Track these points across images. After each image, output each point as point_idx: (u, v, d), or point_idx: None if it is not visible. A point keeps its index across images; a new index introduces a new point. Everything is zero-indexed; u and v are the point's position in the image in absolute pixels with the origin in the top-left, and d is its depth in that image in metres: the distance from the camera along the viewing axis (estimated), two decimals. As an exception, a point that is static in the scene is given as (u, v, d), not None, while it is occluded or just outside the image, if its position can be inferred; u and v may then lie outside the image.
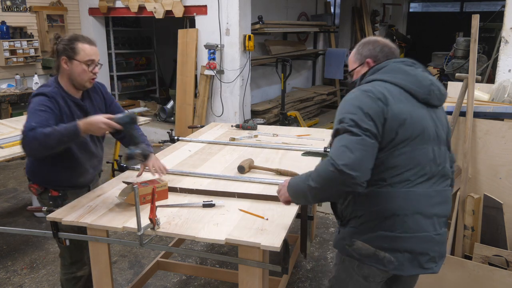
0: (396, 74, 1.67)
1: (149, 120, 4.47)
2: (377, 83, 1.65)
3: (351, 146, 1.51)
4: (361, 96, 1.61)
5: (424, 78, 1.69)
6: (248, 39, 5.79)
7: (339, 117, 1.61)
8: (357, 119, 1.55)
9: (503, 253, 2.42)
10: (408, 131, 1.60)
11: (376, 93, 1.59)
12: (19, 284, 3.12)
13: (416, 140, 1.62)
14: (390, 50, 1.78)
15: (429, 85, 1.68)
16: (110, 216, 2.00)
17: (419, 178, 1.63)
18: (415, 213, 1.62)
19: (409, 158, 1.61)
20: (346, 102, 1.64)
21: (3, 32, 6.03)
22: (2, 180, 5.15)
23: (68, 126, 1.94)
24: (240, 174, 2.51)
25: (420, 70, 1.72)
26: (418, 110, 1.64)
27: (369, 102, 1.57)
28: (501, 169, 2.54)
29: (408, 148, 1.60)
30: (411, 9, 15.52)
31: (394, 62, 1.72)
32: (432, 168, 1.66)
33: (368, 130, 1.53)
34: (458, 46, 5.99)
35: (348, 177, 1.48)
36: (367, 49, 1.80)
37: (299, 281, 3.14)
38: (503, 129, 2.51)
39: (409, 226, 1.61)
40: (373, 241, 1.64)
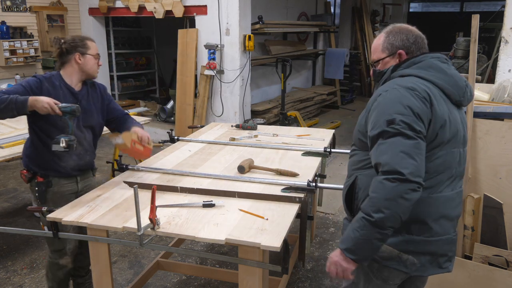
0: (434, 73, 1.59)
1: (149, 120, 4.47)
2: (417, 80, 1.56)
3: (410, 151, 1.43)
4: (407, 94, 1.50)
5: (460, 79, 1.63)
6: (248, 39, 5.79)
7: (386, 118, 1.49)
8: (410, 121, 1.46)
9: (503, 253, 2.42)
10: (446, 134, 1.55)
11: (421, 92, 1.51)
12: (19, 284, 3.12)
13: (450, 143, 1.58)
14: (423, 41, 1.67)
15: (464, 86, 1.63)
16: (110, 216, 2.00)
17: (447, 181, 1.60)
18: (441, 217, 1.60)
19: (443, 162, 1.57)
20: (391, 100, 1.52)
21: (3, 32, 6.03)
22: (2, 180, 5.15)
23: (21, 98, 2.15)
24: (240, 174, 2.51)
25: (453, 68, 1.66)
26: (453, 112, 1.60)
27: (417, 102, 1.49)
28: (501, 169, 2.54)
29: (443, 152, 1.56)
30: (411, 9, 15.52)
31: (432, 57, 1.62)
32: (457, 170, 1.64)
33: (421, 132, 1.47)
34: (458, 46, 5.99)
35: (415, 185, 1.41)
36: (399, 38, 1.66)
37: (299, 281, 3.14)
38: (503, 129, 2.51)
39: (435, 231, 1.60)
40: (398, 245, 1.59)
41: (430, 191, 1.56)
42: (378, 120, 1.52)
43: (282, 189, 2.26)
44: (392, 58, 1.68)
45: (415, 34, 1.67)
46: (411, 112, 1.47)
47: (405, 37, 1.65)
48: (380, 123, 1.50)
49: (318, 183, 2.40)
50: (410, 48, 1.65)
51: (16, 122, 4.16)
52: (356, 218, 1.51)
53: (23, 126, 3.94)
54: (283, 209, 2.05)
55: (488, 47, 6.26)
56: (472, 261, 2.48)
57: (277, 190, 2.26)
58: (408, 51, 1.65)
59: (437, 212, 1.58)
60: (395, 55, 1.67)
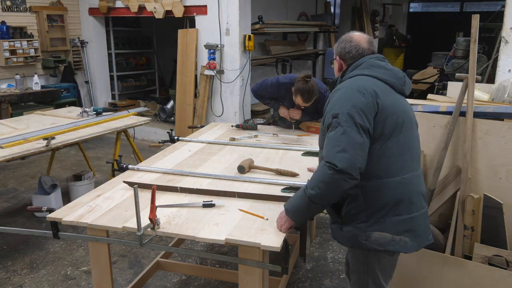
0: (376, 69, 1.83)
1: (149, 120, 4.47)
2: (362, 78, 1.81)
3: (345, 145, 1.64)
4: (354, 92, 1.73)
5: (398, 71, 1.88)
6: (248, 39, 5.79)
7: (332, 112, 1.72)
8: (352, 115, 1.67)
9: (503, 253, 2.42)
10: (399, 119, 1.76)
11: (366, 88, 1.73)
12: (19, 284, 3.12)
13: (405, 127, 1.78)
14: (357, 52, 1.89)
15: (403, 77, 1.88)
16: (110, 216, 2.00)
17: (412, 161, 1.82)
18: (417, 194, 1.82)
19: (403, 144, 1.77)
20: (338, 98, 1.75)
21: (3, 32, 6.03)
22: (2, 180, 5.15)
23: None
24: (240, 174, 2.51)
25: (390, 65, 1.90)
26: (400, 100, 1.84)
27: (362, 98, 1.71)
28: (501, 169, 2.54)
29: (402, 134, 1.76)
30: (411, 9, 15.51)
31: (370, 58, 1.87)
32: (417, 151, 1.87)
33: (361, 126, 1.66)
34: (458, 46, 5.99)
35: (347, 176, 1.63)
36: (340, 47, 1.95)
37: (299, 281, 3.14)
38: (503, 129, 2.51)
39: (417, 206, 1.80)
40: (389, 228, 1.76)
41: (402, 173, 1.76)
42: (327, 115, 1.78)
43: (282, 189, 2.26)
44: (336, 61, 1.99)
45: (354, 44, 1.90)
46: (353, 107, 1.68)
47: (343, 46, 1.93)
48: (328, 117, 1.75)
49: (318, 183, 2.40)
50: (345, 57, 1.93)
51: (16, 122, 4.17)
52: (300, 189, 1.82)
53: (23, 126, 3.95)
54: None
55: (488, 47, 6.26)
56: (472, 261, 2.48)
57: (277, 190, 2.26)
58: (344, 58, 1.93)
59: (412, 190, 1.79)
60: (337, 59, 1.98)
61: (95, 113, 4.46)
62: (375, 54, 1.92)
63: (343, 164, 1.62)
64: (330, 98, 1.82)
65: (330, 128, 1.71)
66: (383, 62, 1.89)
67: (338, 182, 1.64)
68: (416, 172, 1.84)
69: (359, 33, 1.98)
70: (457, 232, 2.61)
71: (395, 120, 1.75)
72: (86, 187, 4.30)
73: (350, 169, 1.62)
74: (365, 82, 1.78)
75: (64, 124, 4.04)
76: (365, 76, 1.82)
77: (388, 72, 1.85)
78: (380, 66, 1.86)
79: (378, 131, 1.72)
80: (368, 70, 1.84)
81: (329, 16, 9.86)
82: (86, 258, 3.43)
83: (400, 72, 1.90)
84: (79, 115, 4.39)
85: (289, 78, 3.39)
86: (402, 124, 1.77)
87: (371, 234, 1.76)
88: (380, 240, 1.76)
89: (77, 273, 3.26)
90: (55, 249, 3.59)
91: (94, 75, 7.42)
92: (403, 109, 1.82)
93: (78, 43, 7.20)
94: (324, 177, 1.67)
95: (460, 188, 2.60)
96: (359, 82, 1.78)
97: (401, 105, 1.83)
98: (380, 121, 1.72)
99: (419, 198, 1.83)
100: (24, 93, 5.96)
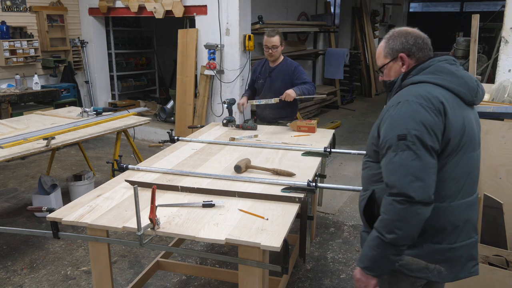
0: (444, 76, 1.57)
1: (149, 120, 4.47)
2: (429, 87, 1.55)
3: (418, 172, 1.44)
4: (419, 108, 1.49)
5: (470, 79, 1.61)
6: (248, 39, 5.79)
7: (398, 132, 1.49)
8: (422, 136, 1.46)
9: (503, 253, 2.42)
10: (462, 140, 1.54)
11: (434, 103, 1.49)
12: (19, 284, 3.12)
13: (467, 149, 1.56)
14: (424, 41, 1.66)
15: (476, 86, 1.61)
16: (110, 216, 2.00)
17: (468, 187, 1.59)
18: (464, 223, 1.60)
19: (461, 168, 1.55)
20: (403, 114, 1.50)
21: (3, 32, 6.03)
22: (2, 180, 5.15)
23: None
24: (237, 173, 2.51)
25: (462, 69, 1.64)
26: (468, 115, 1.58)
27: (429, 116, 1.48)
28: (501, 169, 2.54)
29: (461, 158, 1.55)
30: (411, 9, 15.53)
31: (439, 61, 1.62)
32: (475, 174, 1.63)
33: (433, 148, 1.47)
34: (458, 46, 5.99)
35: (424, 204, 1.44)
36: (399, 42, 1.67)
37: (299, 281, 3.14)
38: (503, 129, 2.51)
39: (459, 237, 1.60)
40: (425, 256, 1.59)
41: (451, 199, 1.56)
42: (389, 133, 1.52)
43: (282, 189, 2.26)
44: (395, 62, 1.69)
45: (414, 35, 1.66)
46: (423, 127, 1.46)
47: (404, 40, 1.66)
48: (391, 136, 1.50)
49: (318, 183, 2.40)
50: (411, 50, 1.65)
51: (16, 122, 4.17)
52: (371, 236, 1.54)
53: (23, 126, 3.95)
54: (283, 209, 2.05)
55: (488, 47, 6.26)
56: (472, 261, 2.48)
57: (277, 190, 2.26)
58: (409, 53, 1.66)
59: (460, 219, 1.58)
60: (397, 59, 1.68)
61: (95, 113, 4.46)
62: (444, 55, 1.66)
63: (420, 194, 1.42)
64: (390, 111, 1.56)
65: (395, 151, 1.48)
66: (453, 66, 1.61)
67: (417, 214, 1.44)
68: (468, 199, 1.61)
69: (403, 27, 1.73)
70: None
71: (458, 141, 1.53)
72: (86, 187, 4.30)
73: (427, 199, 1.44)
74: (431, 92, 1.52)
75: (64, 124, 4.04)
76: (430, 84, 1.56)
77: (459, 80, 1.57)
78: (450, 72, 1.58)
79: (441, 149, 1.52)
80: (436, 76, 1.57)
81: (329, 16, 9.87)
82: (86, 258, 3.43)
83: (473, 80, 1.61)
84: (79, 115, 4.40)
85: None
86: (464, 145, 1.55)
87: (403, 257, 1.59)
88: (412, 265, 1.60)
89: (77, 273, 3.26)
90: (55, 249, 3.59)
91: (94, 75, 7.42)
92: (470, 127, 1.57)
93: (78, 43, 7.20)
94: (399, 214, 1.45)
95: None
96: (424, 93, 1.52)
97: (468, 122, 1.57)
98: (442, 142, 1.50)
99: (467, 227, 1.62)
100: (24, 93, 5.96)
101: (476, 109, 1.69)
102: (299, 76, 3.76)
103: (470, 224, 1.63)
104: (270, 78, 3.86)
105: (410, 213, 1.43)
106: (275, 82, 3.82)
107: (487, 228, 2.54)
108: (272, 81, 3.85)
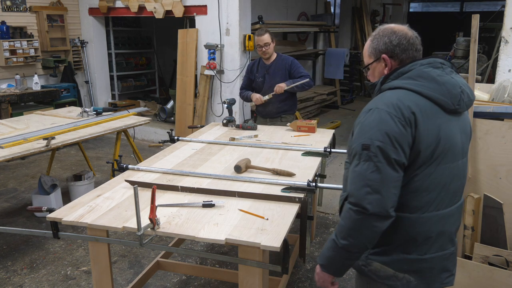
0: (424, 82, 1.47)
1: (149, 120, 4.47)
2: (403, 94, 1.46)
3: (377, 185, 1.39)
4: (387, 118, 1.42)
5: (454, 86, 1.49)
6: (248, 39, 5.79)
7: (362, 141, 1.44)
8: (385, 148, 1.40)
9: (503, 253, 2.42)
10: (435, 152, 1.46)
11: (404, 114, 1.41)
12: (19, 284, 3.12)
13: (441, 160, 1.48)
14: (408, 42, 1.54)
15: (459, 94, 1.49)
16: (110, 216, 2.00)
17: (444, 198, 1.52)
18: (439, 234, 1.55)
19: (432, 180, 1.48)
20: (371, 123, 1.44)
21: (3, 32, 6.03)
22: (2, 180, 5.15)
23: None
24: (237, 173, 2.51)
25: (449, 73, 1.52)
26: (446, 124, 1.48)
27: (396, 127, 1.40)
28: (501, 169, 2.54)
29: (432, 170, 1.47)
30: (411, 9, 15.52)
31: (421, 65, 1.50)
32: (454, 185, 1.55)
33: (396, 161, 1.41)
34: (458, 46, 5.99)
35: (380, 217, 1.41)
36: (382, 42, 1.56)
37: (299, 281, 3.14)
38: (503, 129, 2.51)
39: (432, 248, 1.55)
40: (394, 264, 1.56)
41: (421, 211, 1.50)
42: (355, 140, 1.48)
43: (282, 189, 2.26)
44: (378, 63, 1.59)
45: (399, 35, 1.54)
46: (387, 138, 1.40)
47: (388, 40, 1.55)
48: (356, 144, 1.47)
49: (318, 183, 2.40)
50: (394, 51, 1.55)
51: (16, 122, 4.17)
52: (330, 237, 1.55)
53: (23, 126, 3.95)
54: (283, 209, 2.05)
55: (488, 47, 6.27)
56: (472, 261, 2.48)
57: (277, 190, 2.26)
58: (392, 55, 1.55)
59: (432, 230, 1.52)
60: (380, 60, 1.58)
61: (95, 113, 4.46)
62: (430, 58, 1.54)
63: (375, 207, 1.39)
64: (361, 118, 1.50)
65: (358, 160, 1.44)
66: (437, 71, 1.49)
67: (372, 226, 1.41)
68: (444, 211, 1.53)
69: (395, 24, 1.60)
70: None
71: (431, 152, 1.44)
72: (86, 187, 4.30)
73: (383, 212, 1.39)
74: (403, 101, 1.43)
75: (64, 124, 4.04)
76: (407, 90, 1.47)
77: (440, 87, 1.46)
78: (431, 78, 1.47)
79: (410, 161, 1.45)
80: (414, 82, 1.47)
81: (329, 16, 9.87)
82: (86, 258, 3.44)
83: (457, 86, 1.49)
84: (79, 115, 4.40)
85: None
86: (439, 156, 1.46)
87: (372, 263, 1.58)
88: (380, 272, 1.57)
89: (77, 273, 3.26)
90: (55, 249, 3.59)
91: (94, 75, 7.42)
92: (447, 137, 1.47)
93: (78, 43, 7.21)
94: (353, 223, 1.43)
95: (460, 188, 2.60)
96: (396, 101, 1.43)
97: (445, 132, 1.47)
98: (412, 154, 1.43)
99: (441, 239, 1.55)
100: (24, 93, 5.96)
101: (464, 116, 1.59)
102: (297, 70, 3.90)
103: (445, 236, 1.57)
104: (269, 75, 3.95)
105: (365, 224, 1.42)
106: (275, 78, 3.92)
107: (487, 228, 2.54)
108: (271, 78, 3.94)
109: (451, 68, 1.55)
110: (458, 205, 1.60)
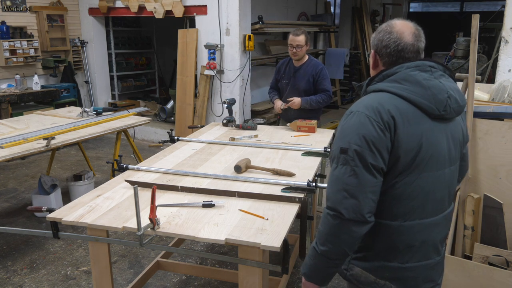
0: (408, 86, 1.41)
1: (149, 120, 4.47)
2: (386, 98, 1.41)
3: (353, 190, 1.37)
4: (366, 122, 1.38)
5: (440, 90, 1.42)
6: (248, 39, 5.79)
7: (341, 144, 1.41)
8: (363, 153, 1.36)
9: (503, 253, 2.42)
10: (416, 159, 1.40)
11: (384, 118, 1.37)
12: (19, 284, 3.12)
13: (423, 168, 1.42)
14: (396, 49, 1.47)
15: (446, 99, 1.42)
16: (110, 216, 2.00)
17: (428, 207, 1.47)
18: (423, 243, 1.50)
19: (415, 187, 1.43)
20: (350, 126, 1.41)
21: (3, 32, 6.03)
22: (2, 180, 5.15)
23: None
24: (237, 173, 2.51)
25: (438, 77, 1.45)
26: (430, 131, 1.42)
27: (374, 132, 1.36)
28: (501, 169, 2.54)
29: (413, 178, 1.42)
30: (411, 9, 15.53)
31: (408, 68, 1.44)
32: (442, 193, 1.51)
33: (373, 166, 1.37)
34: (458, 46, 6.00)
35: (358, 222, 1.38)
36: (377, 38, 1.52)
37: (299, 281, 3.14)
38: (503, 129, 2.51)
39: (415, 257, 1.51)
40: (375, 271, 1.52)
41: (403, 219, 1.45)
42: (335, 143, 1.46)
43: (282, 189, 2.26)
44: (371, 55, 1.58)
45: (393, 38, 1.47)
46: (365, 143, 1.36)
47: (381, 38, 1.50)
48: (335, 147, 1.44)
49: (318, 183, 2.40)
50: (381, 52, 1.50)
51: (16, 122, 4.17)
52: (311, 244, 1.52)
53: (23, 126, 3.95)
54: (283, 209, 2.05)
55: (488, 47, 6.28)
56: (472, 261, 2.48)
57: (277, 190, 2.26)
58: (380, 53, 1.51)
59: (415, 239, 1.48)
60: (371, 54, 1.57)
61: (95, 113, 4.46)
62: (419, 60, 1.46)
63: (351, 212, 1.36)
64: (342, 120, 1.48)
65: (336, 163, 1.42)
66: (424, 74, 1.42)
67: (350, 231, 1.38)
68: (428, 220, 1.48)
69: (402, 21, 1.50)
70: (457, 232, 2.61)
71: (412, 159, 1.39)
72: (86, 187, 4.30)
73: (360, 218, 1.36)
74: (384, 105, 1.39)
75: (64, 124, 4.04)
76: (390, 94, 1.42)
77: (424, 91, 1.40)
78: (416, 81, 1.41)
79: (389, 167, 1.40)
80: (398, 85, 1.42)
81: (329, 16, 9.87)
82: (86, 258, 3.44)
83: (443, 92, 1.42)
84: (79, 115, 4.40)
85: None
86: (420, 164, 1.41)
87: (353, 267, 1.55)
88: (361, 278, 1.54)
89: (77, 273, 3.26)
90: (55, 249, 3.59)
91: (94, 75, 7.42)
92: (430, 144, 1.41)
93: (78, 43, 7.21)
94: (331, 228, 1.41)
95: (460, 188, 2.61)
96: (376, 105, 1.39)
97: (429, 139, 1.41)
98: (391, 159, 1.39)
99: (425, 248, 1.51)
100: (24, 93, 5.96)
101: (455, 122, 1.52)
102: (321, 82, 3.74)
103: (429, 245, 1.52)
104: (294, 78, 3.82)
105: (342, 229, 1.39)
106: (300, 82, 3.78)
107: (487, 228, 2.54)
108: (296, 81, 3.81)
109: (443, 72, 1.48)
110: (445, 214, 1.55)
